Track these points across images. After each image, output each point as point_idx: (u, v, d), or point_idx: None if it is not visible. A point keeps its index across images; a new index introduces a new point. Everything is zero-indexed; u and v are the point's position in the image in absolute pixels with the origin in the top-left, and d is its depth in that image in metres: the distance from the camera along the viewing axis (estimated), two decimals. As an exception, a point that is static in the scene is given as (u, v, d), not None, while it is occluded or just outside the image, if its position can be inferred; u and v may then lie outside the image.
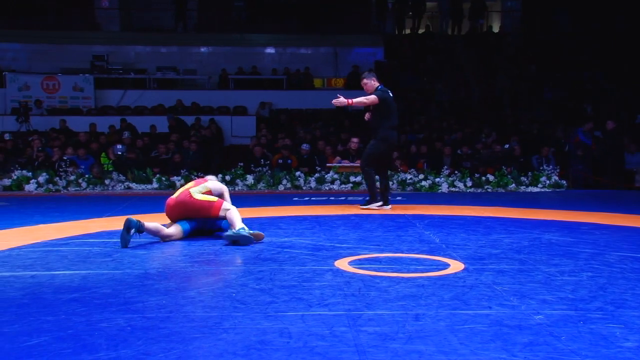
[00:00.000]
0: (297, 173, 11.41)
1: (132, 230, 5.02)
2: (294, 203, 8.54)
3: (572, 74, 18.60)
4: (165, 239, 5.32)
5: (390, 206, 7.86)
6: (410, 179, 11.08)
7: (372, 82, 7.72)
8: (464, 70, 20.03)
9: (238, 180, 11.20)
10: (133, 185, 11.24)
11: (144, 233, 5.15)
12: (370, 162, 7.66)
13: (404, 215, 7.17)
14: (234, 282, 3.77)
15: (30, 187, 10.84)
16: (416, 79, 19.45)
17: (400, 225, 6.25)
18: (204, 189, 5.51)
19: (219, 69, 19.88)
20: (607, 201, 9.06)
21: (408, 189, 10.97)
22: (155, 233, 5.27)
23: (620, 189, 11.40)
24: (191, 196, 5.40)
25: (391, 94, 7.73)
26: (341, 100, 7.30)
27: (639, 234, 5.66)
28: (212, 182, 5.65)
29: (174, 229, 5.40)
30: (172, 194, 5.57)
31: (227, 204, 5.45)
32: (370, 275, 3.90)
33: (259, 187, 11.22)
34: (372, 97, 7.55)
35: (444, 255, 4.58)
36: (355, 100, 7.43)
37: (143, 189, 11.10)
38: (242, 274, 4.00)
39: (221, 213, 5.36)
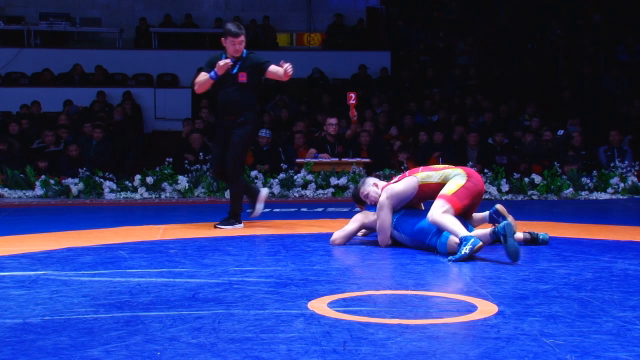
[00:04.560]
0: (253, 173, 11.40)
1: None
2: (247, 217, 8.51)
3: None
4: None
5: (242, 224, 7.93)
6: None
7: None
8: (499, 20, 20.18)
9: (165, 184, 11.17)
10: (5, 191, 11.16)
11: None
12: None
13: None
14: (159, 334, 3.76)
15: None
16: (427, 33, 19.51)
17: (407, 252, 6.26)
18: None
19: (135, 19, 19.78)
20: None
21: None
22: None
23: None
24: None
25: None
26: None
27: None
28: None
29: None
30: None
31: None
32: (361, 323, 3.90)
33: (196, 193, 11.19)
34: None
35: (468, 293, 4.59)
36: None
37: (20, 198, 11.03)
38: (172, 322, 3.98)
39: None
